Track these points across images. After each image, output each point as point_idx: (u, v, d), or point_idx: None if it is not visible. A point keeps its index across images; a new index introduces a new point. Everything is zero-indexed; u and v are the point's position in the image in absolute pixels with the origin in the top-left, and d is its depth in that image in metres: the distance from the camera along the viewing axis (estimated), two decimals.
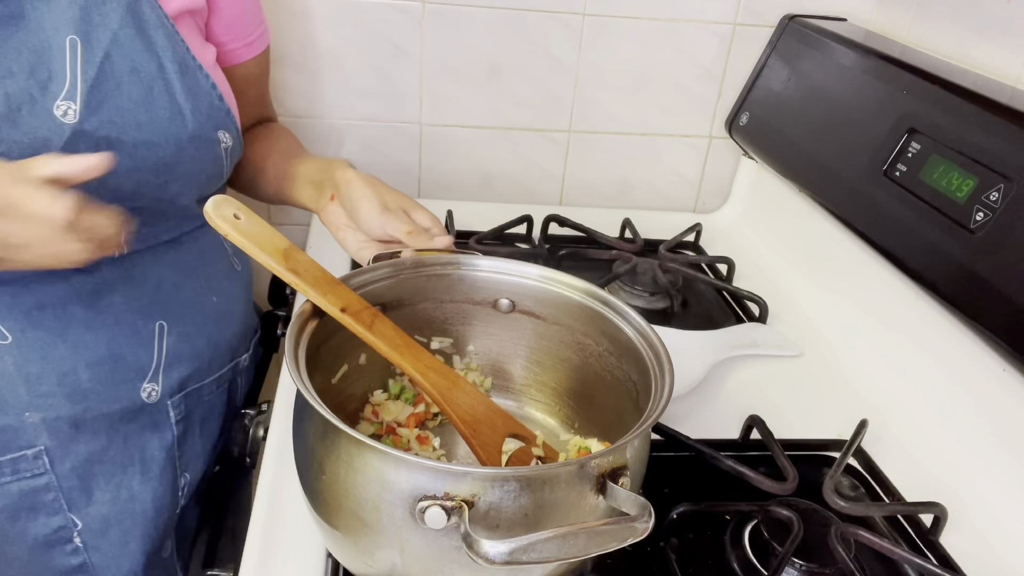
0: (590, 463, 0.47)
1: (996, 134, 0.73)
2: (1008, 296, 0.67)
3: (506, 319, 0.67)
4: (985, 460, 0.72)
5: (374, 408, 0.66)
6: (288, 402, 0.75)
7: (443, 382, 0.59)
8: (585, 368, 0.66)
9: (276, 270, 0.54)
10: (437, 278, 0.65)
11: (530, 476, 0.46)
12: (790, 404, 0.81)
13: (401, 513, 0.46)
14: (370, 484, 0.46)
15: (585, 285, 0.64)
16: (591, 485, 0.47)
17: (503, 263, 0.66)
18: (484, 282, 0.66)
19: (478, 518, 0.45)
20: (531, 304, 0.66)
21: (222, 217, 0.52)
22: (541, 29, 1.10)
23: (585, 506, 0.47)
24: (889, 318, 0.86)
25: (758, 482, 0.65)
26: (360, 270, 0.62)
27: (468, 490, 0.44)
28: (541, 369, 0.69)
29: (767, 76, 1.11)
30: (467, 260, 0.66)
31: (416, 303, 0.65)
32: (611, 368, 0.63)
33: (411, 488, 0.45)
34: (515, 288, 0.66)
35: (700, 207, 1.27)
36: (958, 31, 0.95)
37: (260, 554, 0.59)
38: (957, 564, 0.63)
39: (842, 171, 0.91)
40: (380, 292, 0.63)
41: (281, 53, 1.07)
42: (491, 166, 1.19)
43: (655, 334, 0.58)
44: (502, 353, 0.69)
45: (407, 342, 0.59)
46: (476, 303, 0.67)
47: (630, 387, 0.60)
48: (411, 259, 0.65)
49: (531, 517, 0.46)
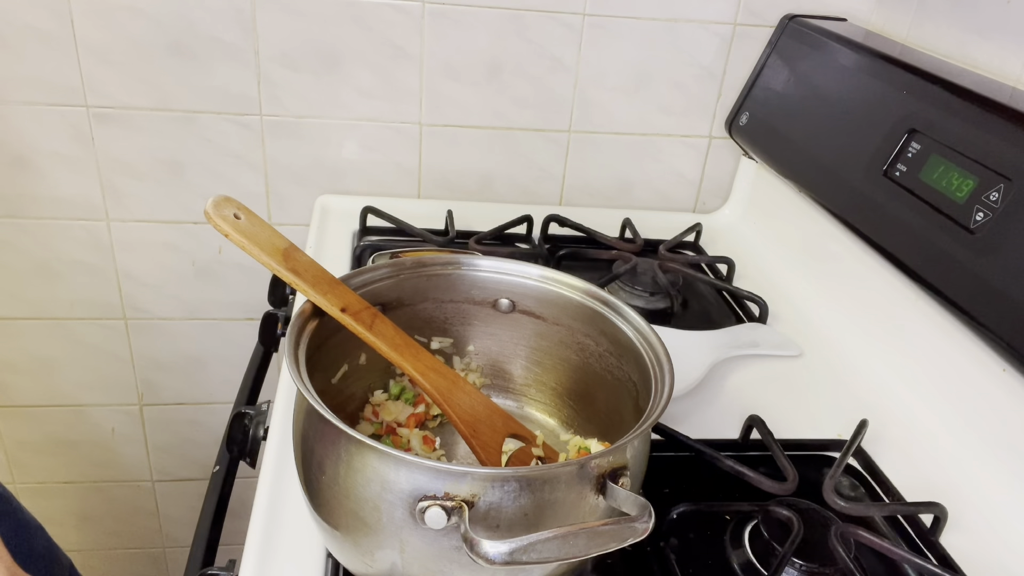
0: (590, 463, 0.47)
1: (996, 134, 0.73)
2: (1008, 296, 0.67)
3: (506, 319, 0.67)
4: (985, 460, 0.72)
5: (374, 408, 0.66)
6: (288, 402, 0.75)
7: (443, 382, 0.59)
8: (585, 368, 0.66)
9: (276, 270, 0.54)
10: (437, 278, 0.65)
11: (530, 476, 0.46)
12: (790, 404, 0.81)
13: (401, 513, 0.46)
14: (370, 484, 0.46)
15: (585, 285, 0.64)
16: (591, 485, 0.47)
17: (503, 263, 0.66)
18: (484, 282, 0.66)
19: (478, 518, 0.45)
20: (531, 304, 0.66)
21: (222, 217, 0.52)
22: (541, 29, 1.10)
23: (585, 506, 0.47)
24: (889, 318, 0.86)
25: (758, 482, 0.65)
26: (360, 270, 0.62)
27: (468, 490, 0.44)
28: (541, 369, 0.69)
29: (767, 76, 1.11)
30: (467, 260, 0.66)
31: (416, 303, 0.65)
32: (611, 368, 0.63)
33: (411, 488, 0.45)
34: (515, 288, 0.66)
35: (700, 207, 1.27)
36: (958, 31, 0.95)
37: (260, 554, 0.59)
38: (957, 564, 0.63)
39: (842, 171, 0.91)
40: (380, 292, 0.62)
41: (281, 53, 1.07)
42: (491, 166, 1.19)
43: (655, 334, 0.58)
44: (502, 353, 0.69)
45: (407, 342, 0.59)
46: (476, 303, 0.67)
47: (630, 387, 0.60)
48: (412, 259, 0.65)
49: (531, 517, 0.46)
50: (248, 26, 1.05)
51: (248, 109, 1.10)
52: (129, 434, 1.35)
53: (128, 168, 1.12)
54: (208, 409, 1.35)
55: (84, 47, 1.03)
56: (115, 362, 1.27)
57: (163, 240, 1.18)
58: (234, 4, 1.03)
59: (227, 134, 1.11)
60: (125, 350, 1.26)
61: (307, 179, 1.16)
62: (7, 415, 1.29)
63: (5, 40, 1.01)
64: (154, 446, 1.37)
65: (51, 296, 1.20)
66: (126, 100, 1.07)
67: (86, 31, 1.02)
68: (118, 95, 1.07)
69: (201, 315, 1.25)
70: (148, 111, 1.08)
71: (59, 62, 1.03)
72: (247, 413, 0.81)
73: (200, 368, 1.31)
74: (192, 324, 1.26)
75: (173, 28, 1.04)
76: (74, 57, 1.03)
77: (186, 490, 1.43)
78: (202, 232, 1.18)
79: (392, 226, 1.04)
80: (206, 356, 1.30)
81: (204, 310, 1.25)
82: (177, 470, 1.41)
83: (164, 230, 1.17)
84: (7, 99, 1.05)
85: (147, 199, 1.14)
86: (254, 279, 1.22)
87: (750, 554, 0.61)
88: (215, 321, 1.26)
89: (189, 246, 1.19)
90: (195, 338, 1.27)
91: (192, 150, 1.12)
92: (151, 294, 1.22)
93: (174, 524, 1.47)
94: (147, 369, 1.29)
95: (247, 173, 1.14)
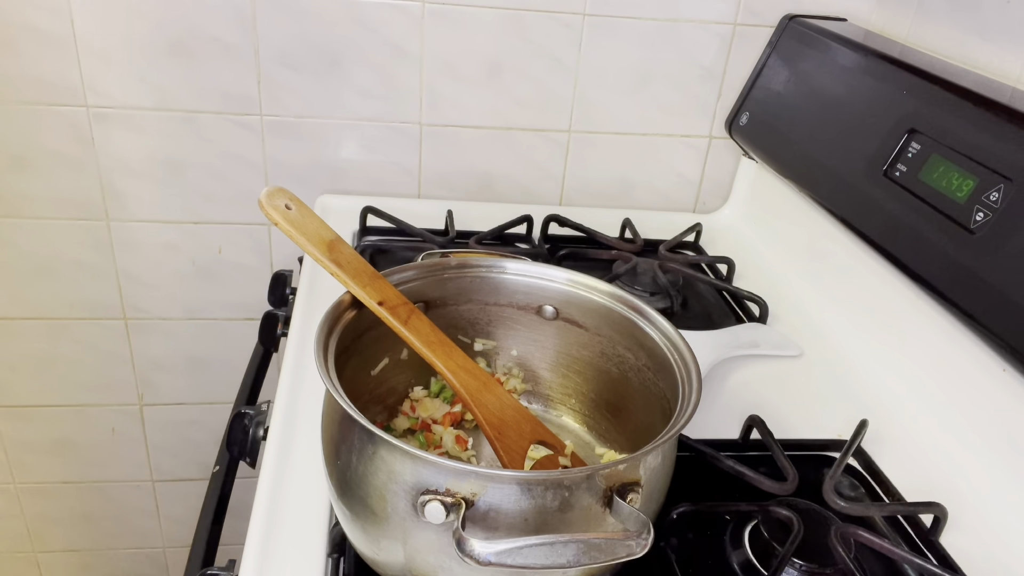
0: (597, 474, 0.46)
1: (996, 134, 0.73)
2: (1008, 296, 0.67)
3: (549, 326, 0.67)
4: (985, 460, 0.72)
5: (412, 403, 0.67)
6: (287, 402, 0.75)
7: (473, 382, 0.59)
8: (624, 381, 0.65)
9: (320, 260, 0.56)
10: (481, 280, 0.66)
11: (531, 480, 0.46)
12: (790, 404, 0.81)
13: (404, 505, 0.46)
14: (378, 473, 0.47)
15: (626, 297, 0.63)
16: (597, 498, 0.46)
17: (548, 269, 0.65)
18: (528, 287, 0.66)
19: (477, 518, 0.45)
20: (574, 313, 0.66)
21: (274, 207, 0.55)
22: (541, 29, 1.10)
23: (591, 519, 0.46)
24: (889, 318, 0.86)
25: (758, 482, 0.65)
26: (403, 267, 0.63)
27: (469, 488, 0.45)
28: (581, 379, 0.68)
29: (767, 76, 1.11)
30: (512, 264, 0.66)
31: (460, 303, 0.66)
32: (648, 383, 0.62)
33: (415, 481, 0.45)
34: (559, 295, 0.66)
35: (700, 207, 1.27)
36: (958, 31, 0.95)
37: (260, 554, 0.59)
38: (957, 564, 0.63)
39: (842, 171, 0.91)
40: (422, 290, 0.63)
41: (281, 53, 1.07)
42: (491, 166, 1.19)
43: (690, 352, 0.57)
44: (543, 360, 0.69)
45: (442, 340, 0.59)
46: (520, 308, 0.67)
47: (664, 403, 0.59)
48: (456, 259, 0.65)
49: (531, 523, 0.45)
50: (248, 26, 1.05)
51: (248, 109, 1.10)
52: (129, 434, 1.35)
53: (128, 168, 1.12)
54: (208, 409, 1.35)
55: (84, 47, 1.03)
56: (115, 362, 1.27)
57: (163, 240, 1.18)
58: (234, 4, 1.03)
59: (227, 134, 1.11)
60: (125, 350, 1.26)
61: (307, 179, 1.16)
62: (7, 415, 1.29)
63: (5, 40, 1.01)
64: (154, 446, 1.37)
65: (51, 296, 1.20)
66: (126, 100, 1.07)
67: (86, 31, 1.02)
68: (118, 95, 1.07)
69: (201, 315, 1.25)
70: (148, 111, 1.08)
71: (59, 62, 1.03)
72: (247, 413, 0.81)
73: (200, 368, 1.31)
74: (192, 324, 1.26)
75: (173, 28, 1.04)
76: (74, 57, 1.03)
77: (186, 490, 1.43)
78: (202, 232, 1.18)
79: (392, 226, 1.04)
80: (206, 356, 1.30)
81: (204, 310, 1.25)
82: (177, 470, 1.41)
83: (164, 230, 1.17)
84: (7, 99, 1.05)
85: (147, 199, 1.14)
86: (254, 279, 1.22)
87: (750, 554, 0.61)
88: (215, 321, 1.26)
89: (189, 246, 1.19)
90: (195, 338, 1.27)
91: (192, 150, 1.12)
92: (151, 294, 1.22)
93: (174, 524, 1.47)
94: (147, 369, 1.29)
95: (247, 173, 1.14)
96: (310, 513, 0.63)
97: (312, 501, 0.64)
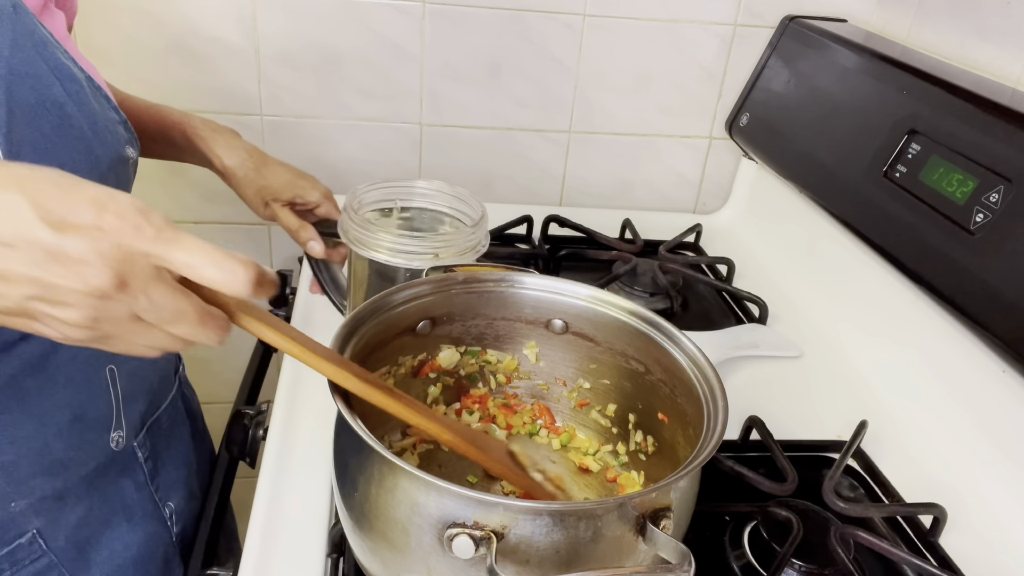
0: (630, 502, 0.44)
1: (996, 135, 0.73)
2: (1008, 297, 0.67)
3: (559, 340, 0.65)
4: (985, 461, 0.72)
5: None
6: (287, 402, 0.75)
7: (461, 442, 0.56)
8: (638, 397, 0.63)
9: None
10: (489, 295, 0.64)
11: (564, 511, 0.44)
12: (790, 405, 0.81)
13: (429, 539, 0.44)
14: (400, 506, 0.45)
15: (638, 309, 0.61)
16: (630, 526, 0.44)
17: (555, 282, 0.64)
18: (536, 301, 0.64)
19: (508, 551, 0.43)
20: (584, 326, 0.64)
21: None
22: (541, 29, 1.10)
23: (623, 548, 0.45)
24: (889, 319, 0.86)
25: (758, 483, 0.65)
26: (410, 283, 0.60)
27: (498, 521, 0.42)
28: (593, 394, 0.67)
29: (767, 77, 1.11)
30: (519, 278, 0.64)
31: (467, 318, 0.64)
32: (664, 398, 0.60)
33: (440, 514, 0.43)
34: (568, 309, 0.64)
35: (700, 207, 1.27)
36: (958, 32, 0.95)
37: (260, 554, 0.59)
38: (957, 565, 0.63)
39: (842, 172, 0.91)
40: (429, 306, 0.61)
41: (281, 53, 1.07)
42: (491, 166, 1.19)
43: (711, 366, 0.55)
44: (554, 374, 0.68)
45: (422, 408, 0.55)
46: (528, 322, 0.65)
47: (683, 420, 0.58)
48: (463, 274, 0.63)
49: (563, 555, 0.43)
50: (248, 26, 1.05)
51: (248, 109, 1.10)
52: None
53: None
54: (208, 409, 1.35)
55: (84, 47, 1.03)
56: None
57: None
58: (234, 4, 1.03)
59: None
60: None
61: None
62: None
63: None
64: None
65: None
66: None
67: (86, 31, 1.02)
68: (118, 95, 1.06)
69: None
70: None
71: None
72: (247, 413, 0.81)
73: (200, 368, 1.31)
74: None
75: (174, 28, 1.03)
76: None
77: None
78: (202, 232, 1.18)
79: None
80: (206, 356, 1.29)
81: None
82: None
83: None
84: None
85: (147, 199, 1.13)
86: None
87: (750, 555, 0.61)
88: None
89: None
90: None
91: None
92: None
93: None
94: None
95: None
96: (310, 513, 0.63)
97: (312, 501, 0.64)
